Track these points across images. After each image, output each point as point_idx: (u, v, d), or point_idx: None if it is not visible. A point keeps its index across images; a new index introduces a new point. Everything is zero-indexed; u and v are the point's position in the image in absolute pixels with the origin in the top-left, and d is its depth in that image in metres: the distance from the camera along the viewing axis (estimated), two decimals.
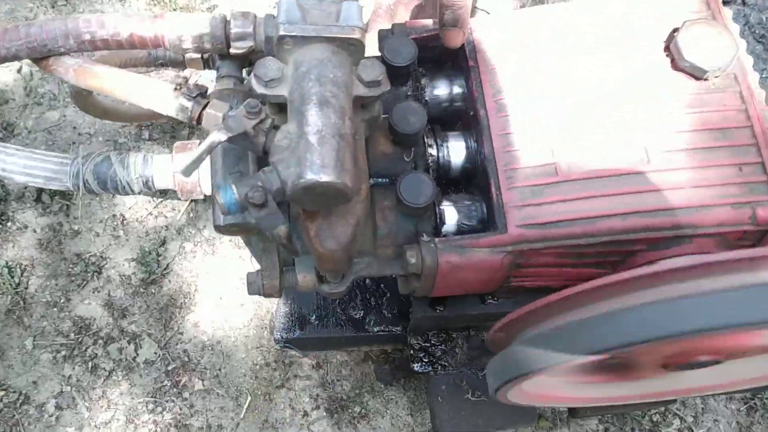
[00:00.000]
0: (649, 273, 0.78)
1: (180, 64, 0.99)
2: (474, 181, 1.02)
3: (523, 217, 0.91)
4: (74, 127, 1.55)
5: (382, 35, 1.05)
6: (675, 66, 0.97)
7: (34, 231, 1.47)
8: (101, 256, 1.47)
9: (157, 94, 0.80)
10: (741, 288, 0.74)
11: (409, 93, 1.03)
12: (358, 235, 0.87)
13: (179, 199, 1.25)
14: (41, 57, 0.85)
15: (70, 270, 1.46)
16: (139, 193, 0.97)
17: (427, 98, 1.04)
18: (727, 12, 1.01)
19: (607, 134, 0.94)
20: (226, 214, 0.77)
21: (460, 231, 0.97)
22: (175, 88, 0.80)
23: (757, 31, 1.83)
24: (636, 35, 0.99)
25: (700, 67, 0.94)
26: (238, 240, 1.44)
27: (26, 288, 1.44)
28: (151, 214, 1.48)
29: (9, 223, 1.47)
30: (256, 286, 0.94)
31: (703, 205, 0.90)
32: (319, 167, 0.75)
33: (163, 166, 0.98)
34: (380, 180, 0.99)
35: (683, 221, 0.90)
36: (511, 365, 0.89)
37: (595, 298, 0.82)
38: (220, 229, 0.83)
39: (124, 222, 1.48)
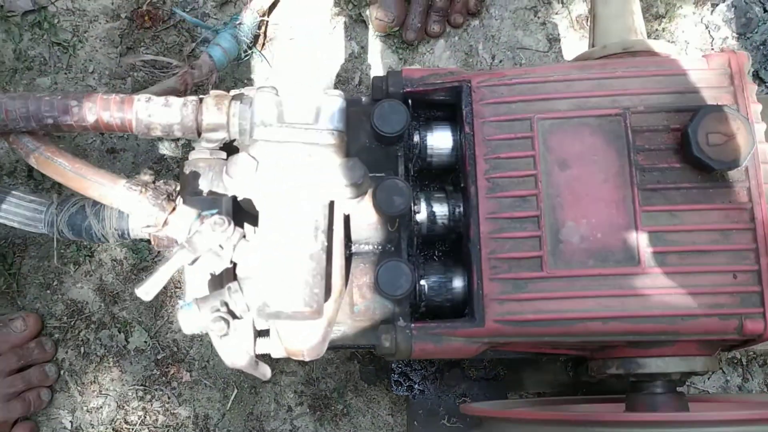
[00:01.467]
0: (634, 420, 0.77)
1: None
2: (458, 246, 0.99)
3: (503, 313, 0.89)
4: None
5: (376, 85, 0.98)
6: (683, 155, 0.90)
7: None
8: None
9: (121, 198, 0.76)
10: None
11: (399, 153, 0.97)
12: (330, 333, 0.85)
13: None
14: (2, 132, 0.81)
15: (62, 252, 1.46)
16: (114, 243, 0.95)
17: (419, 156, 0.99)
18: (752, 88, 0.93)
19: (599, 227, 0.89)
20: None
21: (437, 306, 0.95)
22: (141, 191, 0.76)
23: None
24: (647, 114, 0.92)
25: (709, 165, 0.87)
26: None
27: (19, 269, 1.45)
28: None
29: None
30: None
31: (690, 314, 0.87)
32: (285, 295, 0.73)
33: (138, 219, 0.95)
34: (363, 248, 0.96)
35: (668, 329, 0.88)
36: None
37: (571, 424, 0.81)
38: None
39: None
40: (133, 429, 1.41)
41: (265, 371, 0.84)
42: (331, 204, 0.81)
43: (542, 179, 0.90)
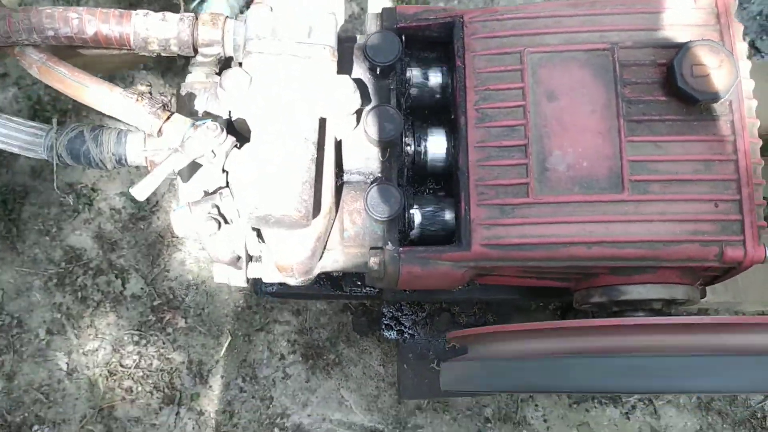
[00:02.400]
0: (611, 324, 0.79)
1: None
2: (449, 182, 1.01)
3: (489, 237, 0.91)
4: None
5: (371, 20, 1.00)
6: (669, 88, 0.92)
7: (27, 157, 1.47)
8: (92, 188, 1.49)
9: (118, 105, 0.79)
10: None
11: (392, 87, 0.99)
12: (319, 250, 0.87)
13: None
14: (6, 45, 0.83)
15: (62, 200, 1.48)
16: (112, 169, 0.97)
17: (411, 91, 1.01)
18: (738, 27, 0.95)
19: (586, 156, 0.91)
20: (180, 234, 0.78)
21: (426, 234, 0.97)
22: (137, 99, 0.78)
23: None
24: (634, 49, 0.94)
25: (693, 96, 0.90)
26: None
27: (19, 215, 1.47)
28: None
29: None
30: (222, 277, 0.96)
31: (672, 240, 0.89)
32: (274, 198, 0.75)
33: (135, 144, 0.98)
34: (354, 177, 0.98)
35: (649, 254, 0.90)
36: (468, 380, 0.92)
37: (552, 335, 0.83)
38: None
39: None
40: (128, 372, 1.43)
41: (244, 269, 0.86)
42: (323, 122, 0.83)
43: (530, 110, 0.92)
